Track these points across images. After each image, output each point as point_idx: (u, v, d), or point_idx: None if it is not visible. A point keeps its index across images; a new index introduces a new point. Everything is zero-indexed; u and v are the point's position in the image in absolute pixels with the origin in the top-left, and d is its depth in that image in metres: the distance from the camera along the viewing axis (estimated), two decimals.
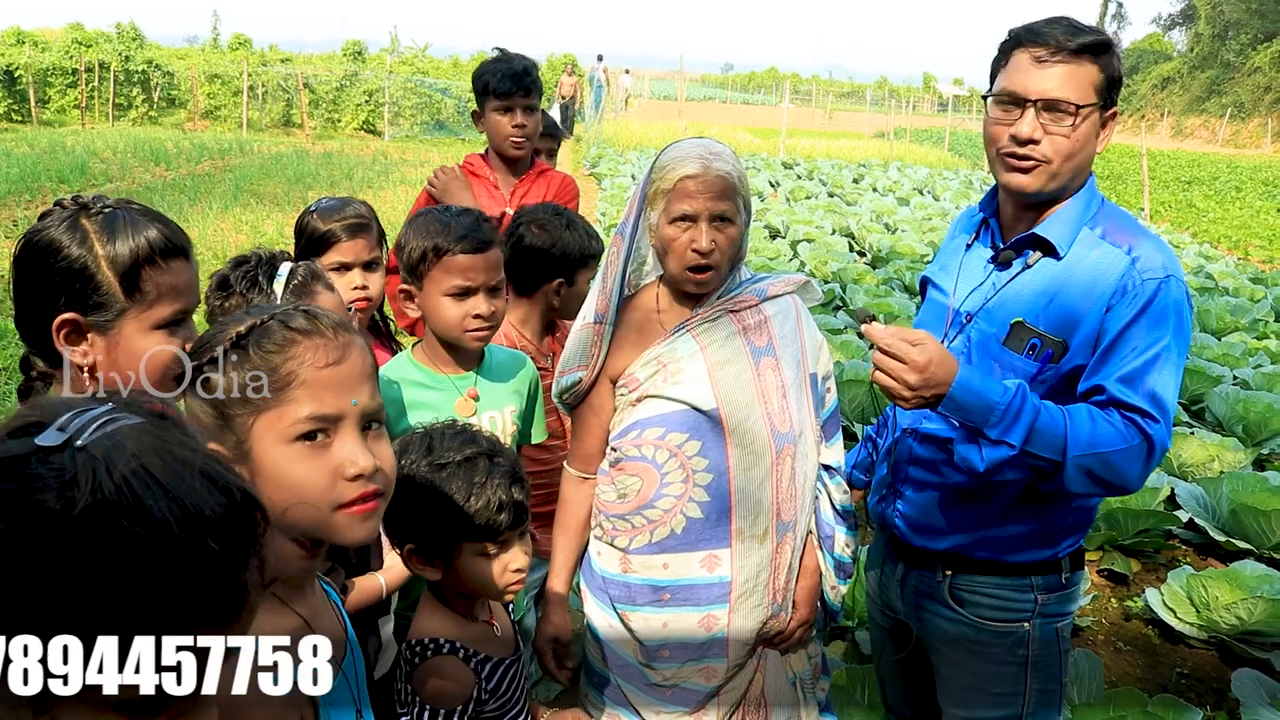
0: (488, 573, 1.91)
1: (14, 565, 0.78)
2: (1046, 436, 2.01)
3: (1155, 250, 2.10)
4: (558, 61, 32.16)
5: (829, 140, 31.62)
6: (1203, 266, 13.55)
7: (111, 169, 17.60)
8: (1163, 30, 71.69)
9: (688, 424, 2.34)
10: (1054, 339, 2.13)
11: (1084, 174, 2.19)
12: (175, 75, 31.95)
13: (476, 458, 1.91)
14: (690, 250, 2.29)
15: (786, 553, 2.43)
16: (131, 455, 0.83)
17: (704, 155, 2.29)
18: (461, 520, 1.86)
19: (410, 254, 2.44)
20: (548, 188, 3.80)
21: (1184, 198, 23.46)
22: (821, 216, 15.43)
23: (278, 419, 1.31)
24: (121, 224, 1.64)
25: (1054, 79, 2.10)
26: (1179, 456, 6.14)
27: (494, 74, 3.71)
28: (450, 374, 2.49)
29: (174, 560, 0.82)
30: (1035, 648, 2.31)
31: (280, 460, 1.31)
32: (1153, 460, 2.03)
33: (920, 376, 1.99)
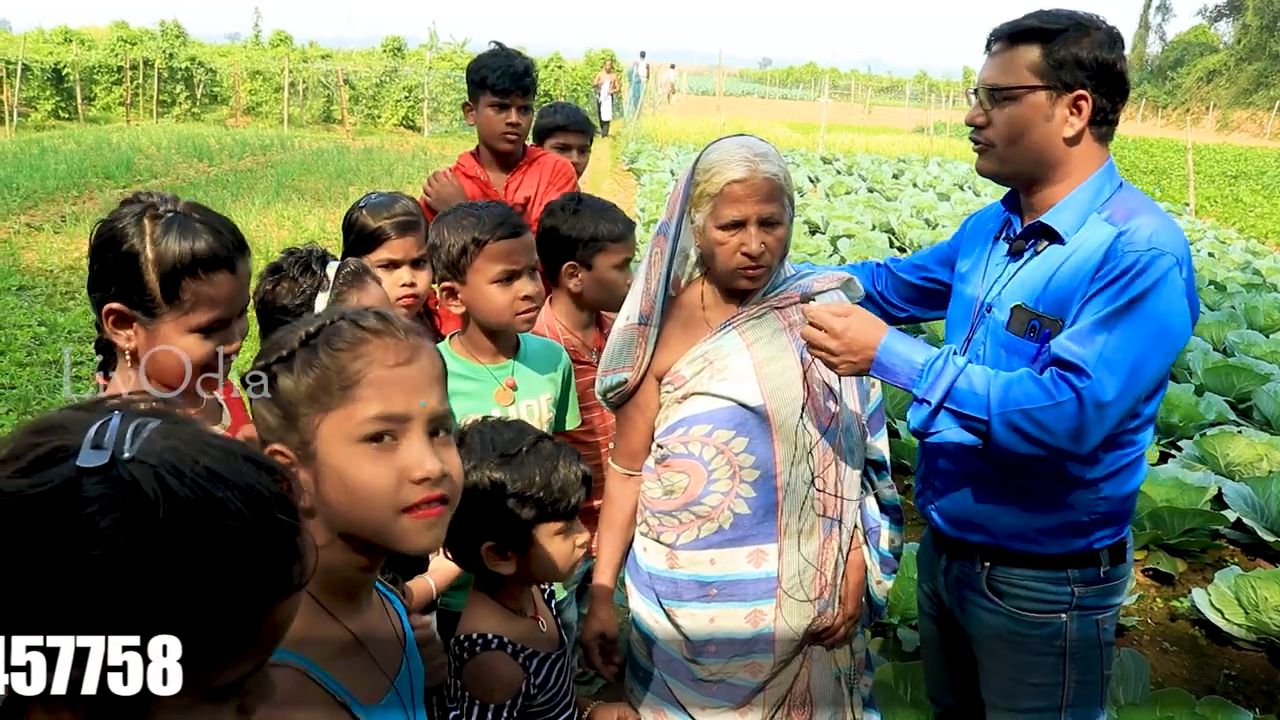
0: (563, 552, 1.94)
1: (102, 581, 0.79)
2: (968, 394, 2.07)
3: (1151, 228, 2.08)
4: (596, 57, 32.13)
5: (868, 135, 31.40)
6: (1249, 262, 13.33)
7: (156, 165, 17.83)
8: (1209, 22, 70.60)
9: (734, 420, 2.34)
10: (1050, 319, 2.16)
11: (1070, 163, 2.21)
12: (218, 72, 32.34)
13: (541, 441, 1.94)
14: (740, 254, 2.29)
15: (833, 548, 2.43)
16: (187, 457, 0.85)
17: (749, 157, 2.29)
18: (542, 502, 1.89)
19: (449, 251, 2.47)
20: (541, 174, 3.79)
21: (1230, 192, 23.08)
22: (861, 212, 15.35)
23: (345, 419, 1.28)
24: (175, 231, 1.73)
25: (990, 66, 2.25)
26: (1226, 455, 6.05)
27: (493, 70, 3.69)
28: (488, 364, 2.53)
29: (254, 544, 0.85)
30: (1073, 640, 2.31)
31: (346, 461, 1.29)
32: (1088, 418, 2.01)
33: (839, 342, 2.15)
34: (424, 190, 3.76)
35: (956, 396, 2.09)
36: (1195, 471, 5.71)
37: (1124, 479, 2.27)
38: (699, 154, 2.40)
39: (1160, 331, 2.06)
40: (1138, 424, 2.23)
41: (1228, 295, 10.61)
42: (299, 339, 1.32)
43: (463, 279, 2.49)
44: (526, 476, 1.88)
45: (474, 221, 2.48)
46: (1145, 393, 2.14)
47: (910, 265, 2.73)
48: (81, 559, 0.79)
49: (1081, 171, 2.22)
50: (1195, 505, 5.26)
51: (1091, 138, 2.21)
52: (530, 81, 3.75)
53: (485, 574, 1.92)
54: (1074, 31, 2.16)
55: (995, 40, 2.26)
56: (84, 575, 0.79)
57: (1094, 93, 2.16)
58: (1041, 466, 2.20)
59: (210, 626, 0.83)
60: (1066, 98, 2.16)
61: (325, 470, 1.30)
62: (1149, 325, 2.04)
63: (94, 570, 0.79)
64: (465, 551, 1.91)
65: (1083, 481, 2.23)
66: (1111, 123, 2.23)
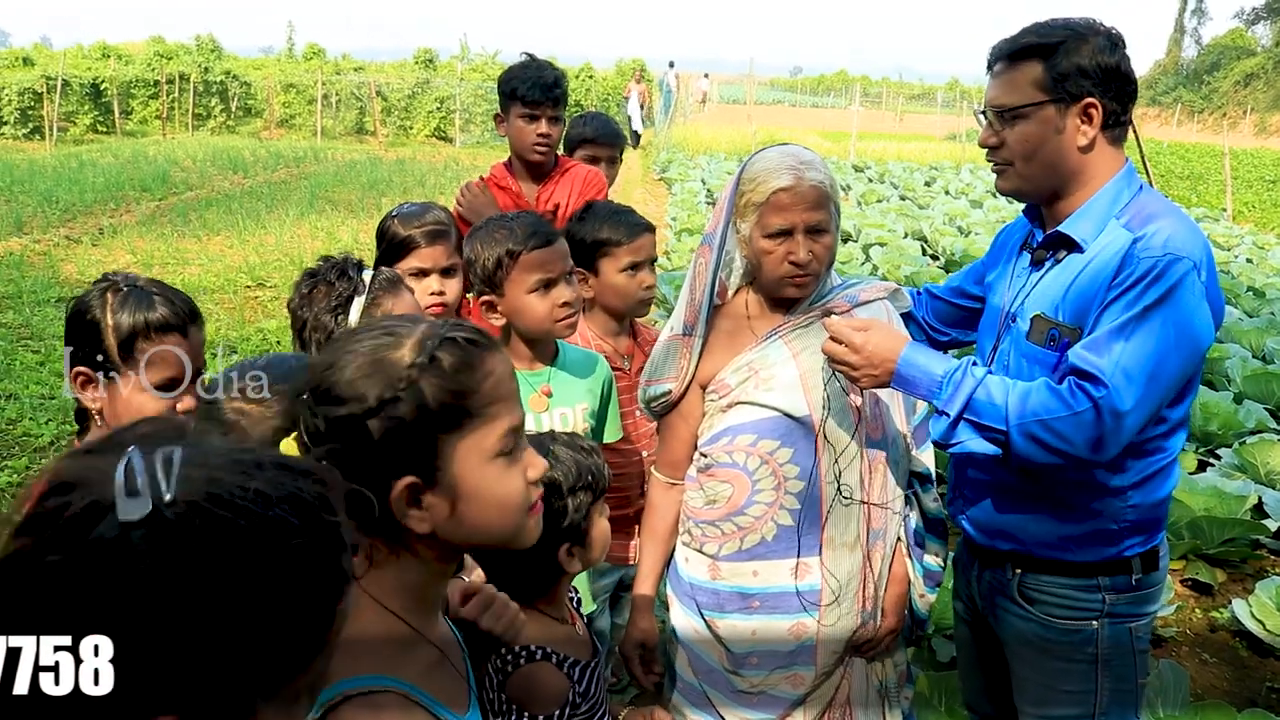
0: (605, 530, 1.99)
1: (174, 629, 0.78)
2: (987, 405, 2.09)
3: (1167, 231, 2.08)
4: (626, 67, 32.22)
5: (900, 143, 31.30)
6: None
7: (191, 177, 18.04)
8: (1246, 25, 69.80)
9: (779, 431, 2.35)
10: (1069, 327, 2.17)
11: (1087, 171, 2.21)
12: (252, 85, 32.65)
13: (552, 434, 2.00)
14: (787, 262, 2.30)
15: (876, 561, 2.43)
16: (228, 483, 0.84)
17: (795, 166, 2.29)
18: (592, 486, 1.92)
19: (485, 265, 2.49)
20: (572, 185, 3.79)
21: (1269, 197, 22.77)
22: (893, 220, 15.28)
23: (484, 438, 1.32)
24: (132, 302, 1.97)
25: (996, 86, 2.25)
26: (1266, 464, 5.98)
27: (523, 81, 3.69)
28: (524, 370, 2.53)
29: (311, 552, 0.87)
30: (1105, 647, 2.30)
31: (486, 479, 1.32)
32: (1106, 428, 2.01)
33: (860, 356, 2.18)
34: (456, 201, 3.78)
35: (975, 407, 2.10)
36: (1234, 480, 5.64)
37: (1154, 486, 2.26)
38: (744, 163, 2.40)
39: (1179, 337, 2.04)
40: (1165, 429, 2.22)
41: (1267, 301, 10.46)
42: (410, 368, 1.29)
43: (500, 292, 2.51)
44: (571, 466, 1.90)
45: (506, 234, 2.50)
46: (1166, 399, 2.13)
47: (948, 288, 2.74)
48: (148, 615, 0.77)
49: (1100, 177, 2.22)
50: (1235, 514, 5.19)
51: (1105, 142, 2.21)
52: (561, 92, 3.75)
53: (531, 583, 1.92)
54: (1072, 41, 2.16)
55: (996, 60, 2.26)
56: (153, 630, 0.77)
57: (1102, 98, 2.16)
58: (1069, 474, 2.19)
59: (287, 642, 0.85)
60: (1076, 108, 2.17)
61: (464, 491, 1.31)
62: (1167, 331, 2.03)
63: (164, 620, 0.77)
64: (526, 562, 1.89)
65: (1111, 489, 2.23)
66: (1124, 124, 2.24)
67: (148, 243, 12.16)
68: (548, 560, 1.88)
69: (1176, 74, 69.41)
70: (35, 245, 11.83)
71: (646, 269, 2.97)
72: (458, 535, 1.34)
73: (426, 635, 1.36)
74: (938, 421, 2.16)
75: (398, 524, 1.29)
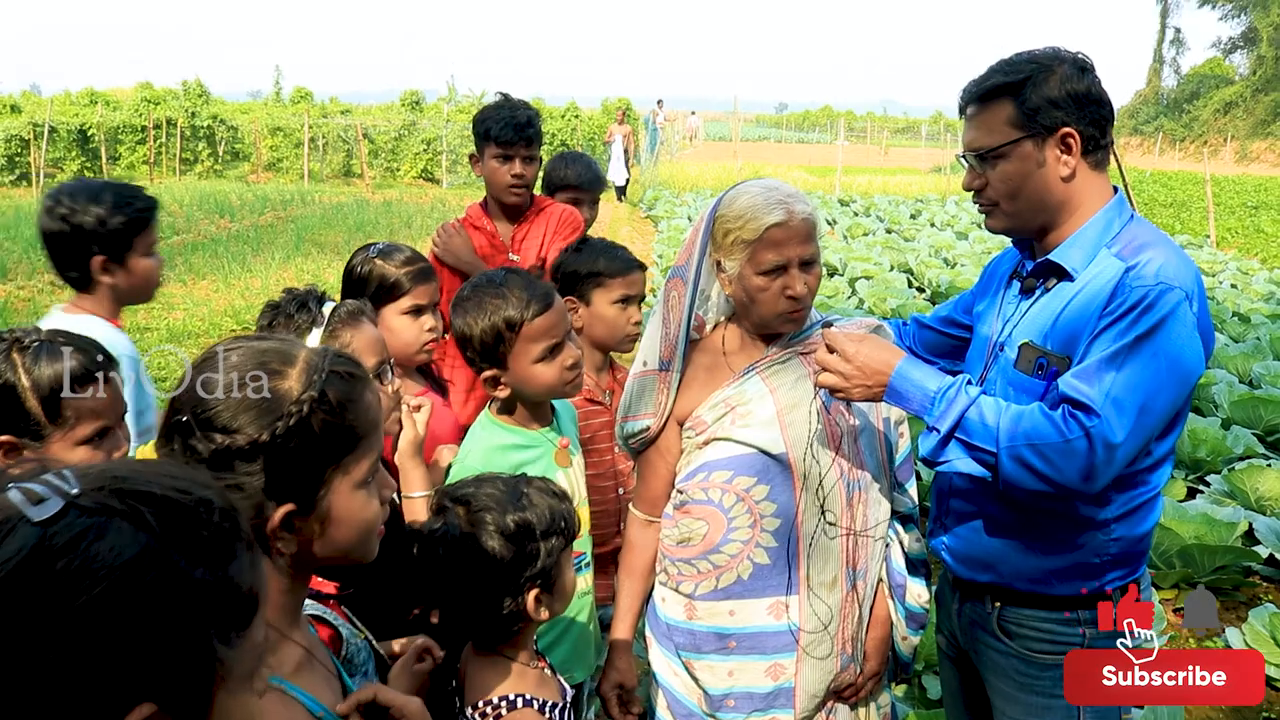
0: (573, 577, 1.96)
1: (118, 607, 0.84)
2: (979, 425, 2.06)
3: (1159, 261, 2.06)
4: (612, 106, 32.39)
5: (885, 176, 31.49)
6: (1274, 293, 13.21)
7: (178, 222, 18.02)
8: (1223, 54, 70.51)
9: (756, 468, 2.31)
10: (1058, 356, 2.15)
11: (1073, 200, 2.20)
12: (239, 129, 32.76)
13: (527, 479, 1.94)
14: (785, 298, 2.27)
15: (856, 602, 2.39)
16: (130, 470, 0.91)
17: (783, 200, 2.26)
18: (565, 531, 1.89)
19: (482, 340, 2.35)
20: (548, 224, 3.78)
21: (1252, 223, 22.92)
22: (879, 253, 15.34)
23: (357, 469, 1.39)
24: (45, 357, 1.89)
25: (972, 129, 2.26)
26: (1255, 490, 5.96)
27: (497, 121, 3.69)
28: (541, 429, 2.47)
29: (231, 522, 0.95)
30: None
31: (354, 505, 1.40)
32: (1097, 459, 1.98)
33: (852, 366, 2.15)
34: (433, 242, 3.77)
35: (967, 426, 2.08)
36: (1224, 507, 5.62)
37: (1137, 520, 2.22)
38: (719, 199, 2.36)
39: (1170, 368, 2.02)
40: (1151, 463, 2.19)
41: (1252, 327, 10.50)
42: (297, 402, 1.33)
43: (504, 365, 2.37)
44: (545, 511, 1.86)
45: (500, 302, 2.35)
46: (1157, 431, 2.10)
47: (937, 318, 2.72)
48: (85, 605, 0.81)
49: (1088, 205, 2.20)
50: (1225, 541, 5.17)
51: (1088, 168, 2.20)
52: (534, 132, 3.75)
53: (493, 632, 1.88)
54: (1039, 74, 2.15)
55: (967, 103, 2.26)
56: (97, 616, 0.82)
57: (1078, 125, 2.15)
58: (1051, 506, 2.16)
59: (227, 603, 0.91)
60: (1053, 139, 2.16)
61: (333, 516, 1.38)
62: (1158, 362, 2.00)
63: (102, 609, 0.82)
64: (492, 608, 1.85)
65: (1094, 522, 2.19)
66: (1104, 147, 2.22)
67: None
68: (517, 606, 1.83)
69: (1157, 103, 70.09)
70: (19, 291, 11.81)
71: (635, 305, 3.00)
72: (316, 553, 1.39)
73: (290, 637, 1.41)
74: (927, 438, 2.13)
75: (257, 534, 1.30)
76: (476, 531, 1.80)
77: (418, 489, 2.34)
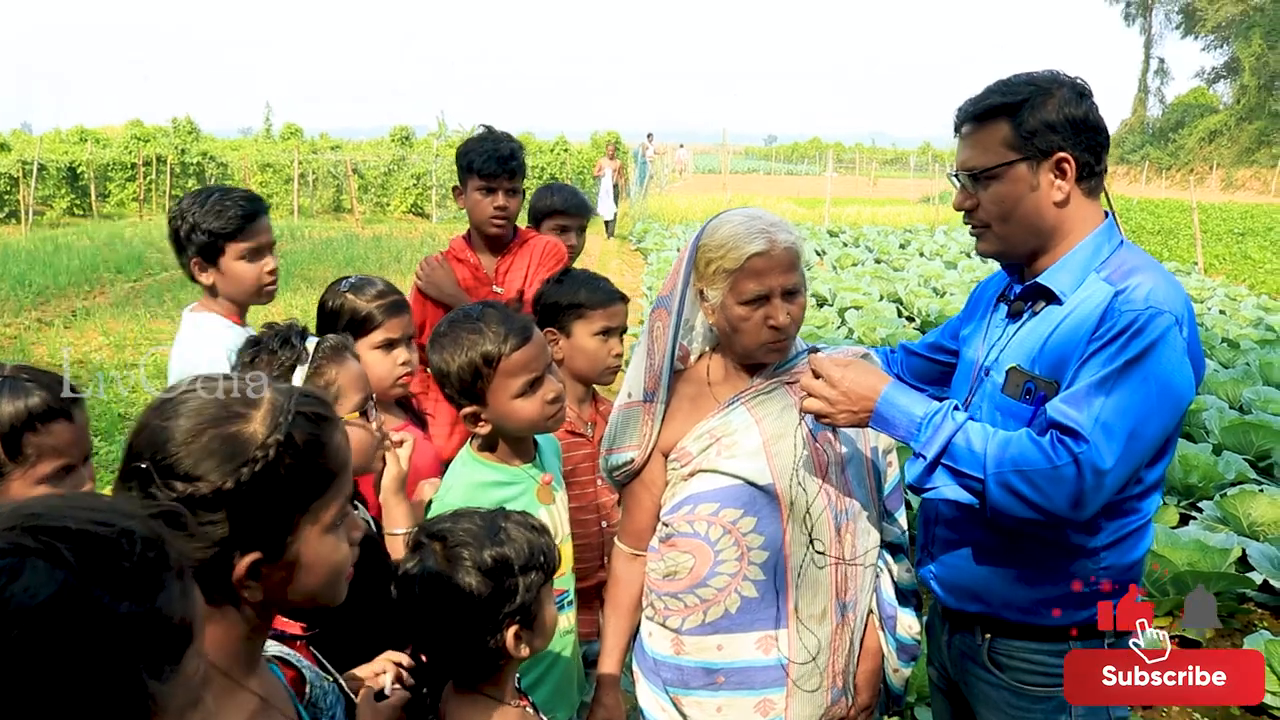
0: (554, 612, 1.92)
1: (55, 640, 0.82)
2: (965, 451, 2.03)
3: (1149, 285, 2.04)
4: (601, 139, 32.51)
5: (874, 207, 31.58)
6: (1262, 319, 13.25)
7: (167, 258, 17.87)
8: (1207, 84, 71.11)
9: (742, 499, 2.27)
10: (1046, 380, 2.12)
11: (1065, 225, 2.17)
12: (229, 166, 32.80)
13: (505, 513, 1.90)
14: (767, 328, 2.24)
15: (846, 634, 2.35)
16: (40, 504, 0.90)
17: (765, 229, 2.24)
18: (545, 565, 1.84)
19: (460, 376, 2.31)
20: (531, 256, 3.76)
21: (1238, 250, 23.06)
22: (869, 283, 15.36)
23: (326, 513, 1.34)
24: (7, 392, 1.81)
25: (966, 148, 2.22)
26: (1248, 515, 5.93)
27: (479, 154, 3.68)
28: (523, 466, 2.43)
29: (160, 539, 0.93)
30: (1079, 715, 2.22)
31: (324, 550, 1.35)
32: (1086, 485, 1.95)
33: (837, 391, 2.12)
34: (416, 275, 3.76)
35: (954, 453, 2.04)
36: (1217, 533, 5.59)
37: (1127, 548, 2.19)
38: (703, 228, 2.34)
39: (1161, 394, 1.99)
40: (1141, 490, 2.16)
41: (1241, 352, 10.52)
42: (263, 447, 1.28)
43: (483, 401, 2.32)
44: (523, 545, 1.82)
45: (477, 337, 2.29)
46: (1147, 458, 2.07)
47: (925, 344, 2.70)
48: (2, 649, 0.80)
49: (1079, 231, 2.18)
50: (1219, 568, 5.14)
51: (1081, 194, 2.18)
52: (517, 164, 3.74)
53: (473, 670, 1.83)
54: (1038, 96, 2.13)
55: (963, 122, 2.23)
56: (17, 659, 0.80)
57: (1074, 150, 2.13)
58: (1040, 534, 2.13)
59: (156, 636, 0.89)
60: (1048, 163, 2.14)
61: (302, 562, 1.33)
62: (1148, 388, 1.98)
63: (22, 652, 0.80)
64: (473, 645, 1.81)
65: (1084, 550, 2.16)
66: (1098, 175, 2.20)
67: (120, 324, 12.09)
68: (495, 644, 1.79)
69: (1143, 132, 70.62)
70: (6, 329, 11.74)
71: (617, 337, 2.96)
72: (284, 599, 1.35)
73: (245, 685, 1.34)
74: (914, 464, 2.10)
75: (225, 583, 1.27)
76: (453, 567, 1.77)
77: (401, 525, 2.30)
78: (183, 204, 2.97)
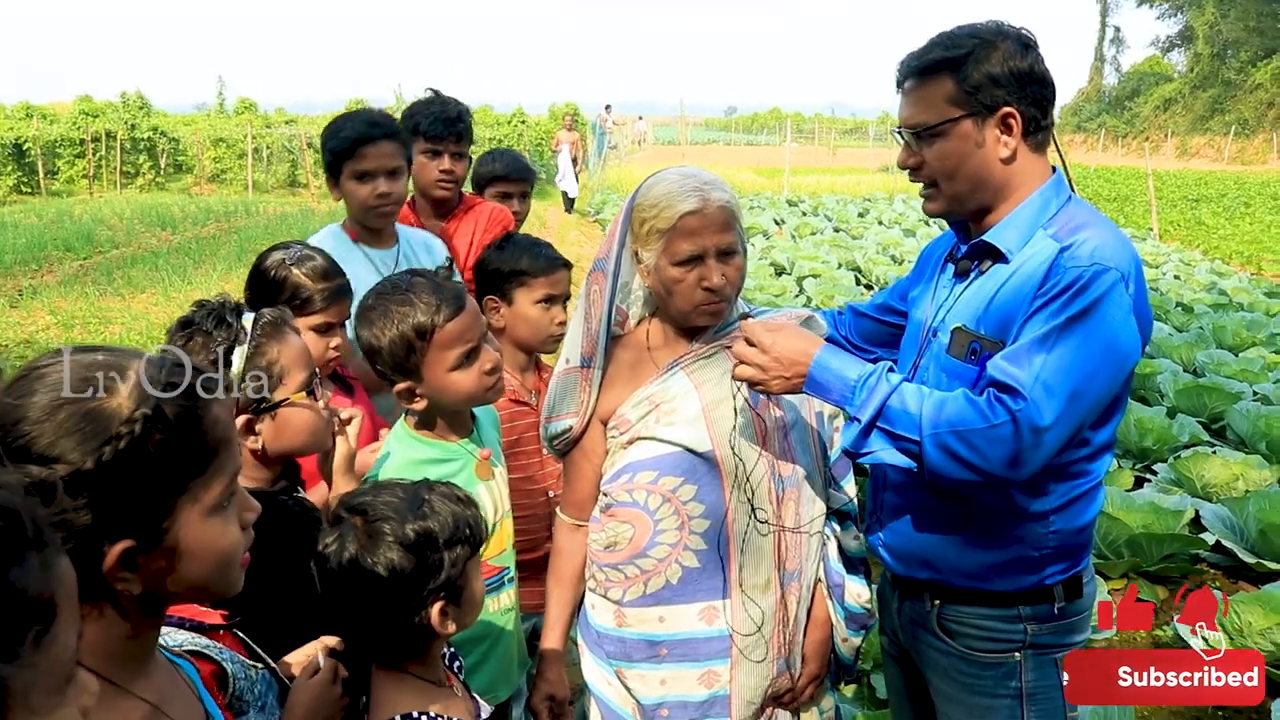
0: (481, 587, 1.83)
1: None
2: (901, 413, 1.97)
3: (1095, 242, 1.97)
4: (559, 111, 32.24)
5: (833, 176, 31.62)
6: (1215, 283, 13.43)
7: (118, 235, 17.69)
8: (1161, 52, 71.80)
9: (682, 467, 2.21)
10: (991, 340, 2.05)
11: (1013, 181, 2.10)
12: (181, 141, 32.24)
13: (429, 484, 1.80)
14: (701, 289, 2.17)
15: (792, 603, 2.30)
16: None
17: (699, 187, 2.16)
18: (472, 538, 1.76)
19: (392, 353, 2.17)
20: (476, 222, 3.68)
21: (1193, 216, 23.33)
22: (827, 252, 15.35)
23: (208, 493, 1.23)
24: None
25: (909, 104, 2.15)
26: (1201, 477, 5.97)
27: (426, 116, 3.57)
28: (460, 441, 2.32)
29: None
30: (1030, 680, 2.17)
31: (209, 535, 1.25)
32: (1024, 444, 1.88)
33: (769, 357, 2.05)
34: None
35: (889, 415, 1.98)
36: (1171, 495, 5.62)
37: (1077, 511, 2.14)
38: (638, 187, 2.27)
39: (1105, 351, 1.93)
40: (1089, 452, 2.10)
41: (1195, 316, 10.63)
42: (129, 422, 1.15)
43: (417, 376, 2.19)
44: (448, 518, 1.73)
45: (408, 310, 2.15)
46: (1091, 417, 2.02)
47: (873, 305, 2.63)
48: None
49: (1026, 187, 2.12)
50: (1173, 530, 5.16)
51: (1028, 150, 2.11)
52: (464, 127, 3.64)
53: (402, 645, 1.76)
54: (981, 49, 2.05)
55: (905, 77, 2.16)
56: None
57: (1019, 105, 2.06)
58: (988, 498, 2.08)
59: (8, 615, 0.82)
60: (993, 119, 2.06)
61: (183, 549, 1.22)
62: (1091, 345, 1.92)
63: None
64: (397, 623, 1.74)
65: (1032, 514, 2.10)
66: (1045, 129, 2.13)
67: (69, 302, 11.84)
68: (421, 620, 1.72)
69: (1099, 101, 71.25)
70: None
71: (560, 305, 2.88)
72: (169, 591, 1.24)
73: (133, 690, 1.23)
74: (849, 429, 2.04)
75: (96, 577, 1.15)
76: (374, 543, 1.68)
77: None
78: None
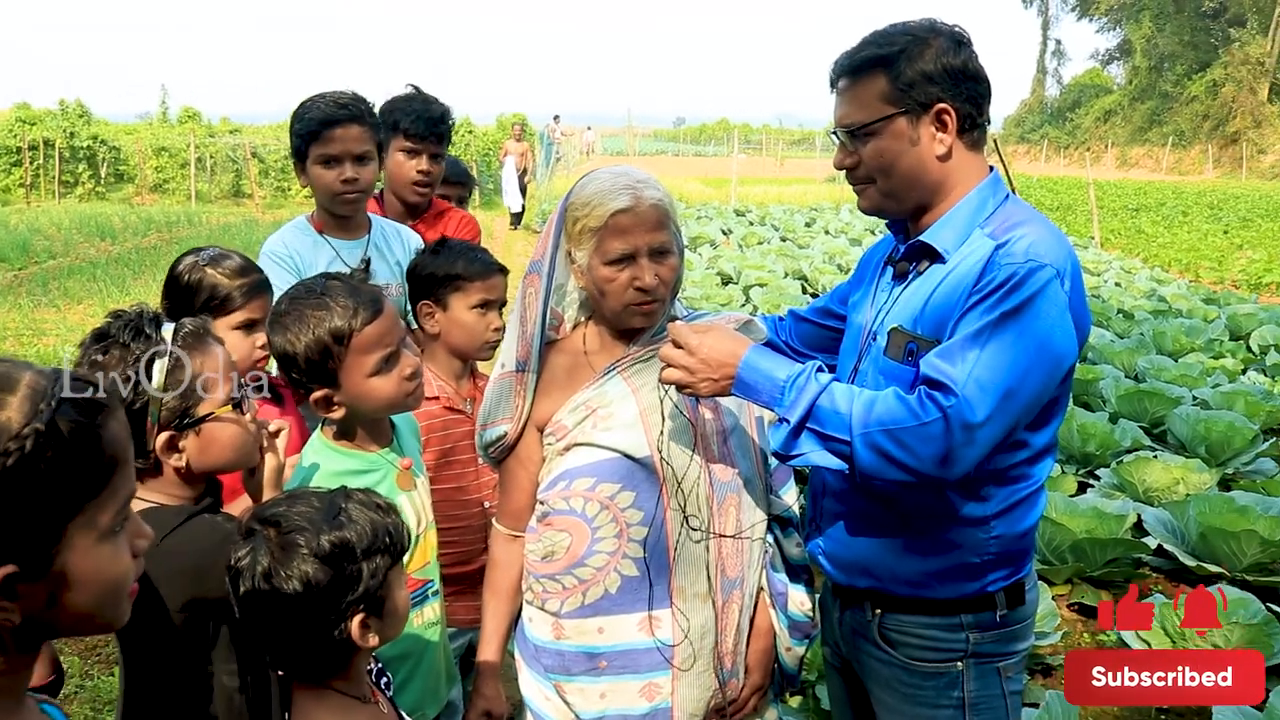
0: (405, 597, 1.78)
1: None
2: (830, 413, 1.93)
3: (1030, 239, 1.95)
4: (507, 121, 32.09)
5: (781, 186, 31.79)
6: (1155, 290, 13.65)
7: (55, 245, 17.32)
8: (1101, 65, 73.13)
9: (620, 473, 2.15)
10: (927, 340, 2.02)
11: (949, 180, 2.09)
12: (122, 150, 31.66)
13: (345, 492, 1.74)
14: (633, 289, 2.12)
15: (734, 613, 2.25)
16: None
17: (631, 185, 2.12)
18: (392, 547, 1.70)
19: (308, 357, 2.11)
20: (445, 228, 3.57)
21: (1133, 225, 23.73)
22: (774, 261, 15.40)
23: (100, 516, 1.13)
24: None
25: (843, 104, 2.13)
26: (1143, 481, 6.02)
27: (407, 113, 3.44)
28: (380, 451, 2.26)
29: None
30: (972, 689, 2.14)
31: (99, 562, 1.15)
32: (955, 441, 1.85)
33: (695, 358, 2.01)
34: None
35: (818, 415, 1.93)
36: (1114, 500, 5.67)
37: (1018, 516, 2.11)
38: (572, 187, 2.22)
39: (1040, 348, 1.91)
40: (1029, 456, 2.08)
41: (1136, 323, 10.79)
42: (18, 438, 1.06)
43: (334, 383, 2.13)
44: (365, 526, 1.67)
45: (324, 314, 2.10)
46: (1026, 416, 1.99)
47: (814, 309, 2.59)
48: None
49: (963, 185, 2.09)
50: (1116, 534, 5.19)
51: (964, 147, 2.09)
52: (446, 129, 3.52)
53: (324, 661, 1.69)
54: (914, 47, 2.04)
55: (839, 76, 2.14)
56: None
57: (954, 101, 2.04)
58: (928, 504, 2.05)
59: None
60: (928, 116, 2.04)
61: (70, 576, 1.12)
62: (1026, 341, 1.89)
63: None
64: (316, 638, 1.67)
65: (972, 520, 2.07)
66: (981, 126, 2.11)
67: (1, 313, 11.56)
68: (341, 634, 1.65)
69: (1041, 112, 72.42)
70: None
71: (496, 311, 2.82)
72: (53, 622, 1.14)
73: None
74: (778, 430, 1.99)
75: None
76: (288, 556, 1.61)
77: None
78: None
